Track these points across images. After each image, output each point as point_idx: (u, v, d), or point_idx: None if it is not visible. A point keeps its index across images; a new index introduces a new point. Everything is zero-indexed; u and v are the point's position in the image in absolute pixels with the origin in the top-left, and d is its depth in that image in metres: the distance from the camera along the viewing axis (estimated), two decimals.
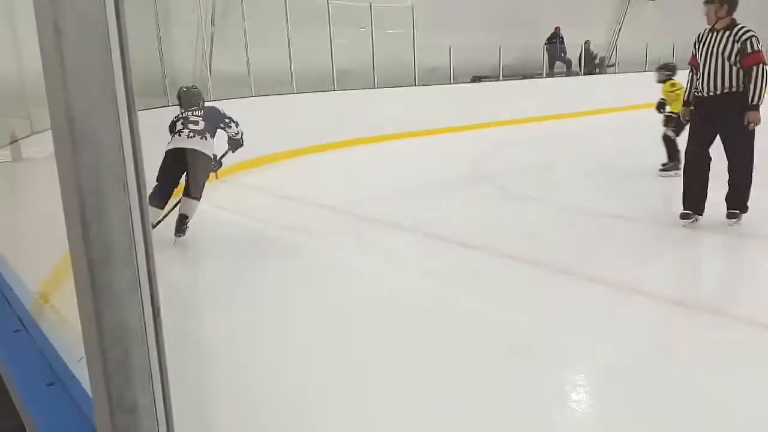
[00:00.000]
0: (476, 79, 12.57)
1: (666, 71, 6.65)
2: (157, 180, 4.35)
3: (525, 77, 13.24)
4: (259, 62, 8.51)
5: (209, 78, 8.09)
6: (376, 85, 10.17)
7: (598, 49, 15.09)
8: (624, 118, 12.63)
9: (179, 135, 4.44)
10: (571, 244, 4.42)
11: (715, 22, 4.30)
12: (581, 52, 14.11)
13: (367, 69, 10.16)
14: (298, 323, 3.20)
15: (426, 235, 4.75)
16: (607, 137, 10.29)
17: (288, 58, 8.87)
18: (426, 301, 3.41)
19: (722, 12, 4.27)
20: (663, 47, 15.43)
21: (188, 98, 4.88)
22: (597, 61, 15.00)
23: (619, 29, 16.18)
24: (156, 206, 4.25)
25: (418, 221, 5.11)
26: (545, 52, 13.61)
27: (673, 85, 6.51)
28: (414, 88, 10.77)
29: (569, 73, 14.30)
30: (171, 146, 4.41)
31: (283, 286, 3.81)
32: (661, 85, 6.68)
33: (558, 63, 14.15)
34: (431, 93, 10.73)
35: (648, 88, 11.53)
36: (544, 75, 13.56)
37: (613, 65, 15.76)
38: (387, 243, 4.61)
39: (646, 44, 15.19)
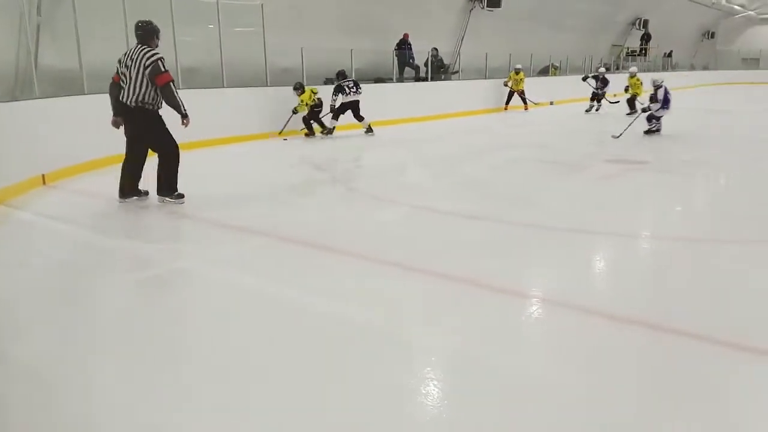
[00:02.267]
0: (329, 81, 12.57)
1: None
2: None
3: (376, 81, 13.49)
4: (94, 58, 7.82)
5: (34, 73, 7.28)
6: (225, 85, 9.78)
7: (444, 56, 15.80)
8: (469, 122, 13.36)
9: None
10: (420, 241, 4.53)
11: None
12: (428, 58, 14.68)
13: (216, 68, 9.75)
14: (139, 339, 2.95)
15: (279, 238, 4.62)
16: (452, 141, 10.76)
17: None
18: (277, 307, 3.31)
19: None
20: (501, 56, 16.55)
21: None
22: (443, 68, 15.69)
23: (462, 38, 17.05)
24: None
25: (269, 224, 4.97)
26: (395, 58, 13.96)
27: None
28: (266, 88, 10.52)
29: (418, 78, 14.82)
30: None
31: (123, 299, 3.49)
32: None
33: (407, 68, 14.59)
34: (283, 94, 10.54)
35: (486, 94, 12.15)
36: (395, 80, 13.92)
37: (457, 72, 16.59)
38: (236, 247, 4.41)
39: (486, 53, 16.19)
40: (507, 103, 16.17)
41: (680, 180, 7.21)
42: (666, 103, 10.38)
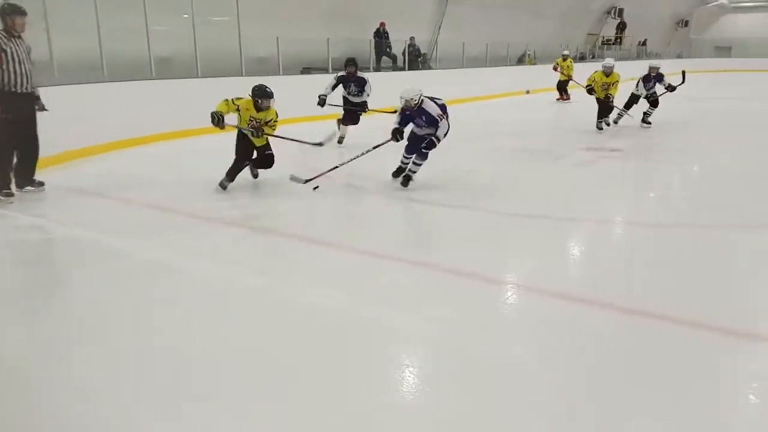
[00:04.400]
0: (306, 70, 12.50)
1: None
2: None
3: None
4: (65, 47, 7.67)
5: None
6: (199, 75, 9.66)
7: (421, 45, 15.77)
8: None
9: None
10: (398, 230, 4.54)
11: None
12: (405, 48, 14.65)
13: (190, 58, 9.61)
14: (117, 334, 2.92)
15: (255, 229, 4.60)
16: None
17: (98, 43, 8.10)
18: (262, 297, 3.30)
19: None
20: (479, 45, 16.57)
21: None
22: (420, 57, 15.67)
23: (439, 27, 17.04)
24: None
25: (245, 215, 4.94)
26: (373, 47, 13.91)
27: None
28: (241, 78, 10.40)
29: (395, 67, 14.78)
30: None
31: (100, 293, 3.45)
32: None
33: (384, 58, 14.55)
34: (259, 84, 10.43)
35: (464, 83, 12.13)
36: (372, 69, 13.86)
37: (434, 61, 16.59)
38: (215, 239, 4.38)
39: (463, 43, 16.19)
40: (561, 92, 15.25)
41: (654, 167, 7.31)
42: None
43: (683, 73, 10.54)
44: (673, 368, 2.60)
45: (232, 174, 5.76)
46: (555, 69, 15.18)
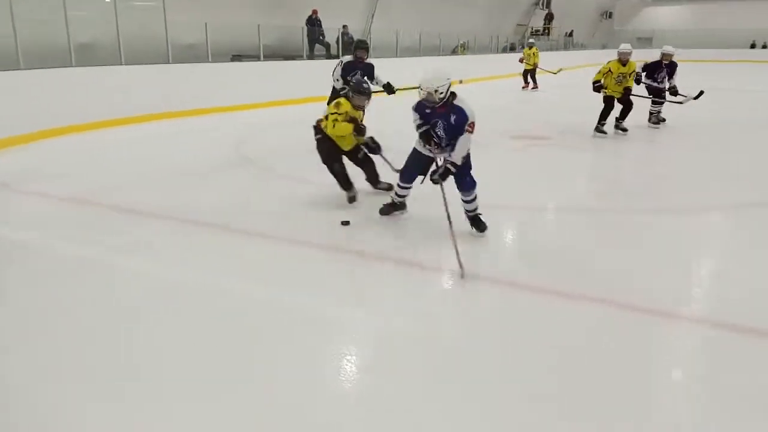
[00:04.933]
0: (236, 58, 12.19)
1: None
2: None
3: (286, 59, 13.21)
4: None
5: None
6: (123, 62, 9.26)
7: (354, 34, 15.66)
8: (383, 101, 13.33)
9: None
10: (330, 220, 4.49)
11: None
12: (339, 36, 14.52)
13: (113, 44, 9.19)
14: (42, 336, 2.76)
15: (187, 221, 4.45)
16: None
17: (12, 29, 7.62)
18: (186, 293, 3.19)
19: None
20: (411, 35, 16.62)
21: None
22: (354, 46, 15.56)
23: (372, 16, 16.99)
24: None
25: (179, 207, 4.77)
26: (305, 35, 13.70)
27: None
28: (167, 65, 10.04)
29: (328, 56, 14.62)
30: None
31: (23, 293, 3.25)
32: None
33: (318, 46, 14.37)
34: (187, 72, 10.11)
35: (401, 73, 12.17)
36: (305, 57, 13.68)
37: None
38: (141, 233, 4.20)
39: (396, 32, 16.20)
40: (526, 81, 15.41)
41: (581, 156, 7.54)
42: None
43: (701, 92, 8.76)
44: (597, 347, 2.69)
45: (345, 183, 4.97)
46: (521, 61, 15.31)
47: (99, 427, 2.12)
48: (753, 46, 32.64)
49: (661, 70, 9.03)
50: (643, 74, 8.96)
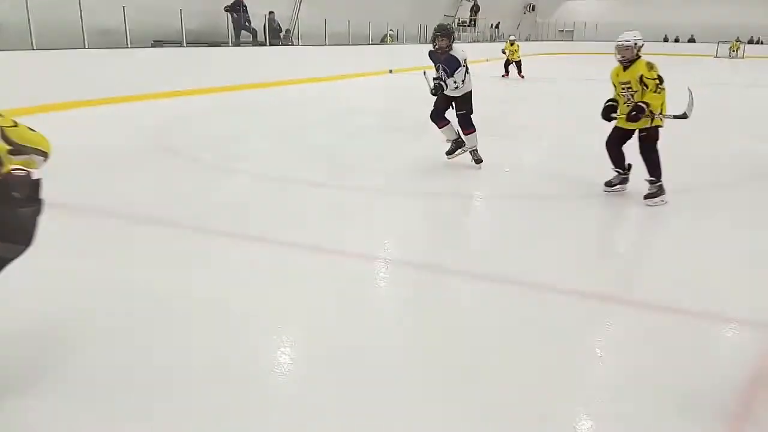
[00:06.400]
0: (158, 43, 11.71)
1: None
2: None
3: (210, 45, 12.81)
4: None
5: None
6: (34, 47, 8.70)
7: (282, 21, 15.37)
8: (313, 89, 13.20)
9: None
10: (271, 212, 4.40)
11: None
12: (265, 22, 14.20)
13: (23, 27, 8.62)
14: None
15: (105, 214, 4.23)
16: (294, 108, 10.57)
17: None
18: (107, 287, 3.04)
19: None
20: (340, 23, 16.47)
21: None
22: (282, 33, 15.28)
23: (299, 3, 16.71)
24: None
25: (93, 200, 4.53)
26: (229, 20, 13.31)
27: None
28: (82, 51, 9.52)
29: (255, 43, 14.29)
30: None
31: None
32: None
33: (244, 32, 14.00)
34: (105, 57, 9.63)
35: (326, 61, 11.93)
36: (230, 44, 13.31)
37: (296, 38, 16.27)
38: (53, 229, 3.97)
39: (325, 19, 16.00)
40: (507, 71, 16.71)
41: (509, 143, 7.70)
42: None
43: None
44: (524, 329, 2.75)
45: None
46: (504, 52, 16.63)
47: None
48: (666, 40, 34.33)
49: None
50: None
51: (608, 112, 4.69)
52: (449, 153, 5.88)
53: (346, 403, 2.19)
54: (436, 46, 5.44)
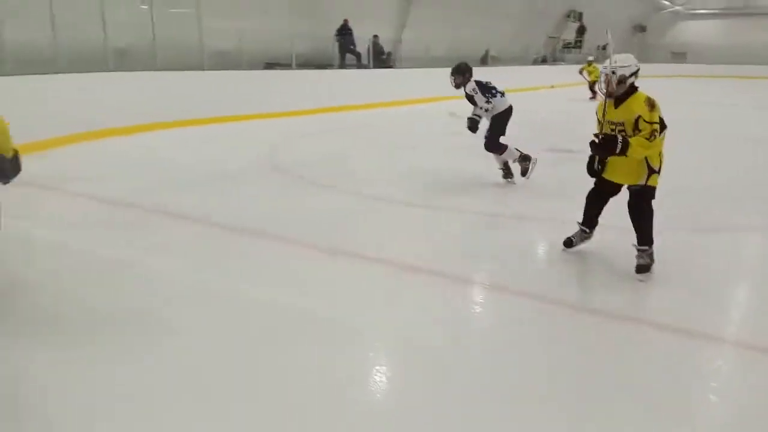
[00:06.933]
0: (269, 66, 12.34)
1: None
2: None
3: (318, 67, 13.31)
4: (15, 37, 7.40)
5: None
6: (158, 68, 9.42)
7: (385, 44, 15.74)
8: (409, 110, 13.37)
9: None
10: (368, 231, 4.50)
11: None
12: (369, 46, 14.59)
13: (148, 50, 9.37)
14: (74, 334, 2.80)
15: (217, 225, 4.49)
16: (396, 129, 10.75)
17: (51, 32, 7.83)
18: (212, 294, 3.22)
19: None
20: (442, 44, 16.62)
21: None
22: (384, 55, 15.63)
23: (403, 26, 17.05)
24: None
25: (210, 212, 4.82)
26: (336, 44, 13.80)
27: None
28: (201, 72, 10.20)
29: (359, 65, 14.71)
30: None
31: (54, 293, 3.31)
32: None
33: (349, 55, 14.46)
34: (221, 78, 10.26)
35: (428, 83, 12.03)
36: (336, 66, 13.77)
37: (398, 60, 16.58)
38: (171, 234, 4.26)
39: (427, 42, 16.22)
40: (593, 92, 16.28)
41: None
42: None
43: None
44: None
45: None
46: (580, 73, 16.89)
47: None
48: None
49: None
50: None
51: (593, 163, 3.62)
52: (523, 173, 5.90)
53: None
54: (454, 85, 5.91)
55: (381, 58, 15.39)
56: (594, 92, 16.51)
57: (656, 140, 3.36)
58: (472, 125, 5.78)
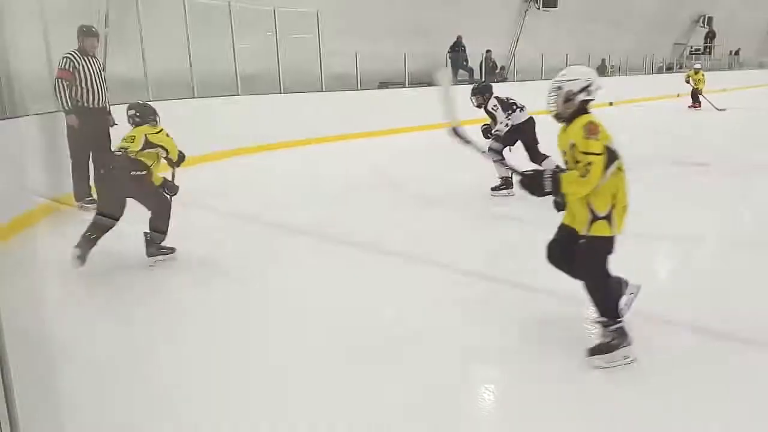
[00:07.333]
0: (383, 85, 12.69)
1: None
2: None
3: (430, 84, 13.48)
4: (157, 66, 8.16)
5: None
6: (282, 91, 10.00)
7: (498, 58, 15.64)
8: None
9: None
10: (486, 247, 4.53)
11: None
12: (482, 60, 14.56)
13: (273, 74, 9.98)
14: (196, 335, 3.08)
15: (343, 242, 4.71)
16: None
17: (188, 61, 8.58)
18: (324, 306, 3.39)
19: None
20: (557, 56, 16.23)
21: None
22: (498, 70, 15.53)
23: (517, 39, 16.86)
24: None
25: (329, 226, 5.08)
26: (448, 60, 13.92)
27: None
28: (321, 93, 10.70)
29: (471, 81, 14.71)
30: None
31: (181, 298, 3.64)
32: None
33: (461, 71, 14.53)
34: (339, 99, 10.71)
35: (542, 95, 11.74)
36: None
37: (511, 73, 16.39)
38: (295, 250, 4.52)
39: (542, 54, 15.91)
40: (696, 101, 15.88)
41: (743, 183, 6.91)
42: None
43: None
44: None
45: None
46: (687, 81, 15.95)
47: None
48: None
49: None
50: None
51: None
52: (493, 188, 6.14)
53: None
54: (476, 104, 6.25)
55: (494, 73, 15.31)
56: (698, 101, 15.76)
57: (592, 177, 2.58)
58: (488, 133, 6.22)
